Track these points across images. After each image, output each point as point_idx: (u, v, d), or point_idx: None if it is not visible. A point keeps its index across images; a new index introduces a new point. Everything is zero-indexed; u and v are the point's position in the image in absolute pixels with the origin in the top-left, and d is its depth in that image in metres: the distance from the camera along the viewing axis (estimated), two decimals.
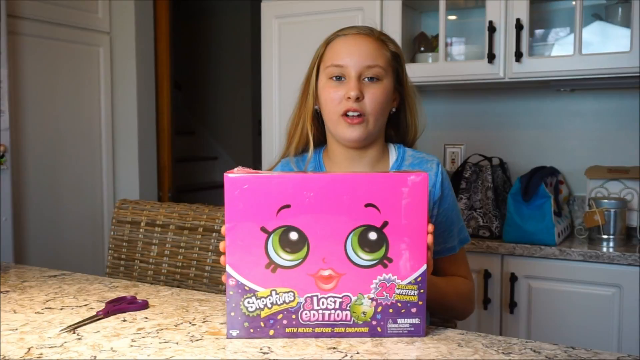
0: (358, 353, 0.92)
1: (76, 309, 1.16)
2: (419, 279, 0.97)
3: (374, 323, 0.98)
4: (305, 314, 0.97)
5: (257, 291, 0.97)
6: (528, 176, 2.06)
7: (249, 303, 0.97)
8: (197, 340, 0.98)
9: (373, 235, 0.96)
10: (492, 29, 2.10)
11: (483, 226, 2.12)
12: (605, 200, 2.02)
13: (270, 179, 0.95)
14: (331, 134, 1.27)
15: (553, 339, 1.31)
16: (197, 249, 1.60)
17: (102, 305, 1.17)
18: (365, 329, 0.98)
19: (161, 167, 3.22)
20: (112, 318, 1.10)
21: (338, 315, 0.97)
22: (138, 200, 1.74)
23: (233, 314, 0.97)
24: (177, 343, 0.97)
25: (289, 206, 0.95)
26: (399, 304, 0.97)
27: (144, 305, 1.17)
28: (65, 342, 0.97)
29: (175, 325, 1.06)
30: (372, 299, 0.97)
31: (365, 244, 0.96)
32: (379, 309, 0.97)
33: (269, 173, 0.97)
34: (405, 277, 0.97)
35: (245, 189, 0.95)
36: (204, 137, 4.98)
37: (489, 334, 1.01)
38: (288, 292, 0.97)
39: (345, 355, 0.91)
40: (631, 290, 1.85)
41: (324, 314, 0.97)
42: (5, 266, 1.55)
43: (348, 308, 0.97)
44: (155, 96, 3.15)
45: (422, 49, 2.38)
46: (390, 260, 0.96)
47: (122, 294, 1.26)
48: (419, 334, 0.99)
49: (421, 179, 0.95)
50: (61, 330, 1.03)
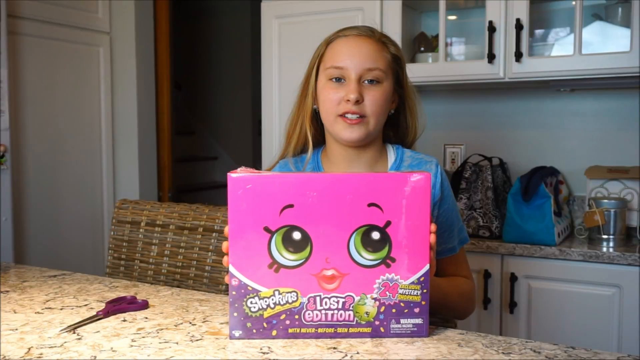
0: (358, 353, 0.91)
1: (76, 309, 1.16)
2: (421, 279, 0.97)
3: (377, 323, 0.98)
4: (308, 314, 0.97)
5: (260, 291, 0.96)
6: (528, 176, 2.06)
7: (251, 303, 0.97)
8: (197, 340, 0.98)
9: (376, 235, 0.95)
10: (492, 29, 2.11)
11: (483, 226, 2.12)
12: (605, 200, 2.02)
13: (274, 179, 0.95)
14: (329, 134, 1.27)
15: (553, 339, 1.31)
16: (197, 249, 1.60)
17: (102, 305, 1.17)
18: (368, 329, 0.98)
19: (161, 167, 3.21)
20: (112, 318, 1.10)
21: (341, 315, 0.97)
22: (138, 200, 1.74)
23: (236, 314, 0.97)
24: (177, 343, 0.97)
25: (292, 206, 0.95)
26: (402, 304, 0.97)
27: (144, 305, 1.17)
28: (65, 342, 0.97)
29: (175, 325, 1.06)
30: (375, 299, 0.97)
31: (368, 243, 0.96)
32: (382, 309, 0.97)
33: (272, 173, 0.97)
34: (408, 277, 0.97)
35: (248, 188, 0.95)
36: (204, 137, 4.98)
37: (489, 334, 1.01)
38: (291, 292, 0.97)
39: (345, 355, 0.91)
40: (631, 290, 1.85)
41: (327, 314, 0.97)
42: (5, 266, 1.55)
43: (351, 308, 0.97)
44: (155, 96, 3.15)
45: (422, 49, 2.38)
46: (393, 260, 0.96)
47: (122, 294, 1.26)
48: (422, 334, 0.99)
49: (424, 178, 0.96)
50: (61, 330, 1.02)
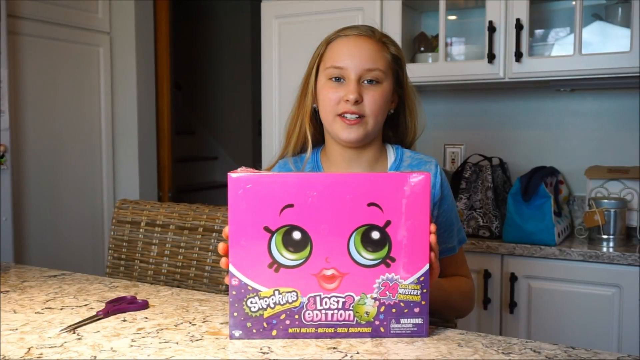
0: (358, 353, 0.91)
1: (76, 309, 1.16)
2: (421, 279, 0.97)
3: (377, 323, 0.98)
4: (308, 314, 0.97)
5: (260, 291, 0.96)
6: (528, 176, 2.06)
7: (251, 303, 0.97)
8: (197, 340, 0.98)
9: (376, 235, 0.96)
10: (492, 29, 2.11)
11: (483, 226, 2.12)
12: (605, 200, 2.02)
13: (274, 179, 0.95)
14: (328, 134, 1.27)
15: (553, 339, 1.31)
16: (197, 249, 1.60)
17: (102, 305, 1.17)
18: (368, 329, 0.98)
19: (161, 167, 3.21)
20: (112, 318, 1.10)
21: (341, 315, 0.97)
22: (138, 200, 1.74)
23: (236, 314, 0.97)
24: (177, 343, 0.97)
25: (292, 206, 0.95)
26: (402, 304, 0.97)
27: (144, 305, 1.17)
28: (65, 342, 0.97)
29: (175, 325, 1.06)
30: (375, 299, 0.97)
31: (368, 243, 0.96)
32: (382, 309, 0.97)
33: (272, 173, 0.97)
34: (408, 277, 0.97)
35: (248, 188, 0.95)
36: (204, 137, 4.98)
37: (489, 334, 1.01)
38: (291, 292, 0.97)
39: (345, 355, 0.91)
40: (631, 290, 1.85)
41: (326, 314, 0.97)
42: (5, 266, 1.55)
43: (351, 308, 0.97)
44: (155, 96, 3.15)
45: (422, 49, 2.38)
46: (393, 259, 0.96)
47: (122, 294, 1.26)
48: (422, 334, 0.99)
49: (423, 178, 0.96)
50: (61, 330, 1.02)
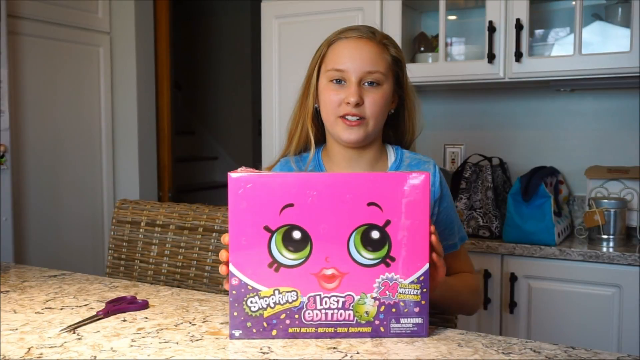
0: (358, 353, 0.91)
1: (76, 309, 1.16)
2: (421, 278, 0.97)
3: (377, 323, 0.98)
4: (308, 313, 0.97)
5: (260, 290, 0.97)
6: (528, 176, 2.06)
7: (251, 303, 0.97)
8: (197, 340, 0.98)
9: (376, 234, 0.96)
10: (492, 29, 2.11)
11: (483, 226, 2.12)
12: (605, 200, 2.02)
13: (274, 179, 0.95)
14: (330, 134, 1.27)
15: (553, 339, 1.31)
16: (197, 249, 1.60)
17: (102, 305, 1.17)
18: (368, 329, 0.98)
19: (161, 167, 3.21)
20: (112, 318, 1.10)
21: (341, 314, 0.97)
22: (138, 200, 1.74)
23: (236, 314, 0.97)
24: (177, 343, 0.97)
25: (292, 205, 0.95)
26: (402, 304, 0.97)
27: (144, 305, 1.17)
28: (65, 342, 0.97)
29: (175, 325, 1.06)
30: (375, 299, 0.97)
31: (367, 242, 0.96)
32: (382, 309, 0.97)
33: (272, 172, 0.97)
34: (408, 276, 0.97)
35: (248, 188, 0.95)
36: (204, 137, 4.98)
37: (489, 334, 1.01)
38: (291, 292, 0.97)
39: (345, 355, 0.91)
40: (631, 290, 1.85)
41: (326, 314, 0.97)
42: (5, 266, 1.55)
43: (351, 307, 0.97)
44: (155, 96, 3.15)
45: (422, 49, 2.38)
46: (392, 259, 0.96)
47: (122, 294, 1.26)
48: (422, 333, 0.99)
49: (423, 178, 0.96)
50: (61, 330, 1.02)
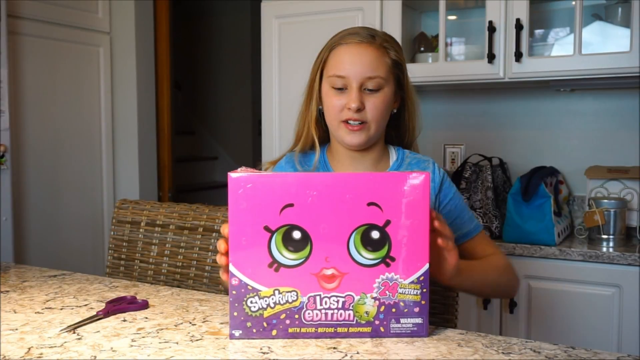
0: (358, 353, 0.91)
1: (76, 309, 1.16)
2: (421, 278, 0.97)
3: (377, 323, 0.98)
4: (308, 313, 0.97)
5: (260, 291, 0.97)
6: (528, 176, 2.06)
7: (251, 303, 0.97)
8: (197, 340, 0.98)
9: (375, 234, 0.96)
10: (492, 29, 2.10)
11: (483, 226, 2.12)
12: (605, 200, 2.02)
13: (274, 179, 0.95)
14: (334, 137, 1.30)
15: (553, 339, 1.31)
16: (197, 249, 1.60)
17: (102, 305, 1.17)
18: (368, 329, 0.98)
19: (161, 167, 3.21)
20: (112, 318, 1.10)
21: (341, 315, 0.97)
22: (138, 200, 1.74)
23: (236, 314, 0.97)
24: (177, 343, 0.97)
25: (292, 205, 0.95)
26: (402, 304, 0.97)
27: (144, 305, 1.17)
28: (65, 342, 0.97)
29: (175, 325, 1.06)
30: (375, 299, 0.97)
31: (367, 242, 0.96)
32: (382, 309, 0.97)
33: (272, 172, 0.97)
34: (407, 277, 0.97)
35: (248, 188, 0.95)
36: (204, 137, 4.98)
37: (489, 334, 1.01)
38: (291, 292, 0.97)
39: (345, 355, 0.91)
40: (631, 290, 1.85)
41: (326, 314, 0.97)
42: (5, 266, 1.55)
43: (351, 308, 0.97)
44: (155, 96, 3.15)
45: (422, 49, 2.38)
46: (392, 259, 0.96)
47: (122, 294, 1.26)
48: (422, 333, 0.99)
49: (423, 178, 0.96)
50: (61, 330, 1.02)
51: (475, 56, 2.25)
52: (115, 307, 1.13)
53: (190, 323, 1.07)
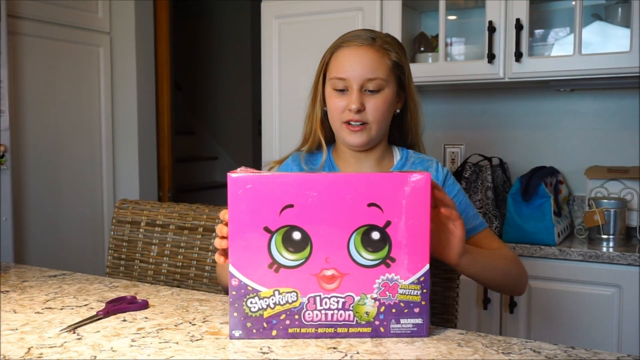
0: (358, 353, 0.92)
1: (76, 309, 1.16)
2: (421, 279, 0.97)
3: (377, 323, 0.98)
4: (308, 314, 0.97)
5: (260, 291, 0.97)
6: (528, 176, 2.06)
7: (251, 303, 0.97)
8: (197, 340, 0.98)
9: (376, 235, 0.96)
10: (492, 29, 2.11)
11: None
12: (605, 200, 2.02)
13: (274, 179, 0.95)
14: (337, 137, 1.33)
15: (553, 339, 1.31)
16: (197, 249, 1.60)
17: (102, 305, 1.17)
18: (368, 329, 0.98)
19: (161, 167, 3.21)
20: (112, 318, 1.10)
21: (341, 315, 0.97)
22: (138, 200, 1.74)
23: (236, 314, 0.97)
24: (177, 343, 0.97)
25: (292, 206, 0.95)
26: (402, 304, 0.97)
27: (144, 305, 1.17)
28: (65, 342, 0.97)
29: (175, 325, 1.06)
30: (375, 299, 0.97)
31: (368, 243, 0.96)
32: (382, 309, 0.97)
33: (272, 173, 0.97)
34: (408, 277, 0.97)
35: (248, 188, 0.95)
36: (204, 137, 4.98)
37: (489, 334, 1.01)
38: (291, 292, 0.97)
39: (345, 355, 0.91)
40: (631, 290, 1.85)
41: (326, 314, 0.97)
42: (5, 266, 1.55)
43: (351, 308, 0.97)
44: (155, 96, 3.15)
45: (422, 49, 2.38)
46: (393, 260, 0.96)
47: (122, 294, 1.26)
48: (422, 334, 0.99)
49: (423, 178, 0.96)
50: (61, 330, 1.02)
51: (475, 56, 2.25)
52: (115, 307, 1.13)
53: (190, 323, 1.07)
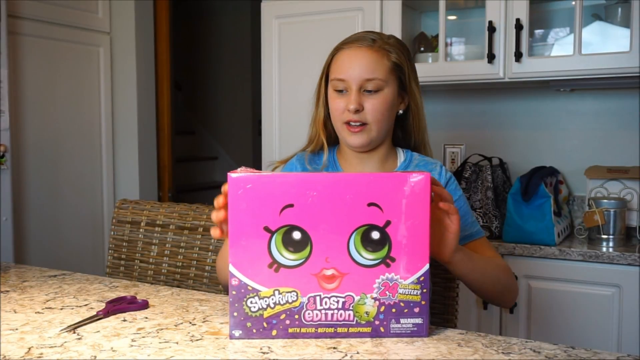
0: (358, 353, 0.92)
1: (76, 309, 1.16)
2: (421, 279, 0.97)
3: (377, 323, 0.98)
4: (308, 313, 0.97)
5: (260, 291, 0.97)
6: (528, 176, 2.06)
7: (251, 303, 0.97)
8: (197, 340, 0.98)
9: (376, 235, 0.96)
10: (492, 29, 2.11)
11: (483, 226, 2.12)
12: (605, 200, 2.02)
13: (274, 179, 0.95)
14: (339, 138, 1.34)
15: (553, 339, 1.31)
16: (197, 249, 1.60)
17: (102, 305, 1.17)
18: (368, 329, 0.98)
19: (161, 167, 3.21)
20: (112, 318, 1.10)
21: (341, 315, 0.97)
22: (138, 200, 1.74)
23: (236, 314, 0.97)
24: (177, 343, 0.97)
25: (292, 206, 0.95)
26: (402, 304, 0.97)
27: (144, 305, 1.17)
28: (65, 342, 0.97)
29: (175, 325, 1.06)
30: (375, 299, 0.97)
31: (368, 243, 0.96)
32: (382, 309, 0.97)
33: (272, 173, 0.97)
34: (408, 277, 0.97)
35: (248, 188, 0.95)
36: (204, 137, 4.98)
37: (489, 334, 1.01)
38: (291, 292, 0.97)
39: (345, 355, 0.91)
40: (631, 290, 1.85)
41: (326, 314, 0.97)
42: (5, 266, 1.55)
43: (351, 308, 0.97)
44: (155, 96, 3.15)
45: (422, 49, 2.38)
46: (392, 259, 0.96)
47: (122, 294, 1.26)
48: (422, 334, 0.99)
49: (423, 179, 0.96)
50: (61, 330, 1.02)
51: (475, 56, 2.25)
52: (115, 307, 1.13)
53: (190, 323, 1.07)
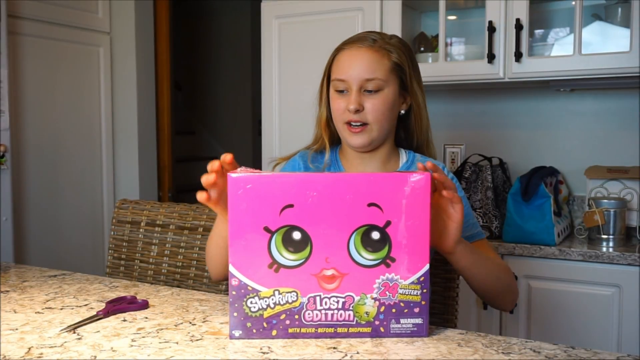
0: (358, 353, 0.92)
1: (76, 309, 1.16)
2: (421, 279, 0.97)
3: (377, 323, 0.98)
4: (308, 314, 0.97)
5: (260, 291, 0.97)
6: (528, 176, 2.06)
7: (251, 303, 0.97)
8: (197, 340, 0.98)
9: (376, 235, 0.96)
10: (492, 29, 2.11)
11: (483, 226, 2.12)
12: (605, 200, 2.02)
13: (274, 179, 0.95)
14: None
15: (553, 339, 1.31)
16: (197, 249, 1.60)
17: (102, 305, 1.17)
18: (368, 329, 0.98)
19: (161, 167, 3.21)
20: (112, 318, 1.10)
21: (341, 315, 0.97)
22: (138, 200, 1.74)
23: (236, 314, 0.97)
24: (177, 343, 0.97)
25: (292, 206, 0.95)
26: (402, 304, 0.97)
27: (144, 305, 1.17)
28: (65, 342, 0.97)
29: (175, 325, 1.06)
30: (375, 299, 0.97)
31: (368, 243, 0.96)
32: (382, 309, 0.97)
33: (272, 173, 0.97)
34: (408, 277, 0.97)
35: (248, 188, 0.95)
36: (204, 137, 4.98)
37: (489, 334, 1.01)
38: (291, 292, 0.97)
39: (345, 355, 0.91)
40: (631, 290, 1.85)
41: (326, 314, 0.97)
42: (5, 266, 1.55)
43: (351, 308, 0.97)
44: (155, 96, 3.15)
45: (422, 49, 2.38)
46: (393, 259, 0.96)
47: (122, 294, 1.26)
48: (422, 334, 0.99)
49: (424, 179, 0.96)
50: (61, 330, 1.02)
51: (475, 56, 2.25)
52: (115, 307, 1.13)
53: (190, 323, 1.07)
